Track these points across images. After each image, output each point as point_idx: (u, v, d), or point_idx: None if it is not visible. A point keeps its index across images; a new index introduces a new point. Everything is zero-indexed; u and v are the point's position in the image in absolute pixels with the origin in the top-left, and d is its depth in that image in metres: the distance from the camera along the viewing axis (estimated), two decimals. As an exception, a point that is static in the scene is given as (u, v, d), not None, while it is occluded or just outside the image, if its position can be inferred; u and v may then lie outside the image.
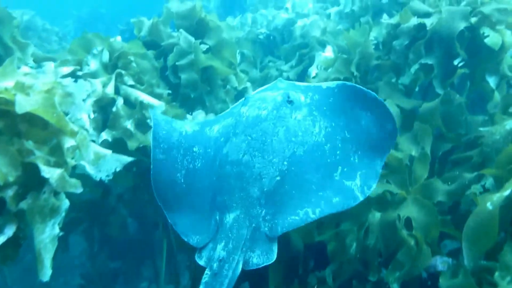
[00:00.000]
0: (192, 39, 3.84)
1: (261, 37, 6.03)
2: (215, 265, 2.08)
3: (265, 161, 2.26)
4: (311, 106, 2.48)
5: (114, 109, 3.16)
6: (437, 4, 3.31)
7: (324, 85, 2.58)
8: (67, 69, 3.14)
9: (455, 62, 3.20)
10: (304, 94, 2.55)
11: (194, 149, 2.58)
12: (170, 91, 3.61)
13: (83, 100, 2.98)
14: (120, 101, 3.22)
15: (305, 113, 2.44)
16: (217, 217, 2.26)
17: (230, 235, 2.16)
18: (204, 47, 4.00)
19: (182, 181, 2.49)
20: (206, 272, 2.09)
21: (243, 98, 2.72)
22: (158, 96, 3.44)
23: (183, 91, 3.79)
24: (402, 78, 3.35)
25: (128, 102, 3.35)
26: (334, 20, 5.84)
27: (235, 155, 2.33)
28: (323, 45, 4.98)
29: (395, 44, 3.34)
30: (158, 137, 2.56)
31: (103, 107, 3.25)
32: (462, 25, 3.06)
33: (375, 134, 2.30)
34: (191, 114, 3.70)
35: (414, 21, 3.24)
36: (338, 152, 2.31)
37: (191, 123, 2.87)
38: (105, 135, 3.04)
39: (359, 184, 2.20)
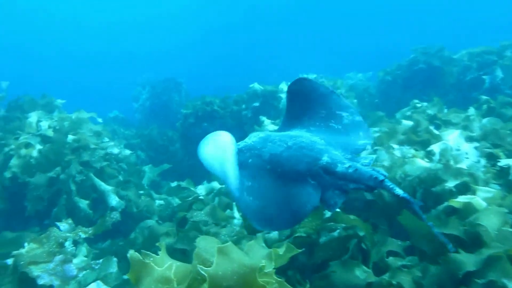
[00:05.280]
0: None
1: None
2: (350, 170, 2.42)
3: (307, 139, 2.70)
4: None
5: None
6: None
7: None
8: None
9: None
10: None
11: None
12: None
13: None
14: None
15: None
16: (311, 181, 2.47)
17: (337, 158, 2.51)
18: None
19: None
20: (343, 180, 2.42)
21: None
22: None
23: None
24: None
25: None
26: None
27: (277, 149, 2.64)
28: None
29: None
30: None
31: None
32: None
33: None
34: None
35: None
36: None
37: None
38: None
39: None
